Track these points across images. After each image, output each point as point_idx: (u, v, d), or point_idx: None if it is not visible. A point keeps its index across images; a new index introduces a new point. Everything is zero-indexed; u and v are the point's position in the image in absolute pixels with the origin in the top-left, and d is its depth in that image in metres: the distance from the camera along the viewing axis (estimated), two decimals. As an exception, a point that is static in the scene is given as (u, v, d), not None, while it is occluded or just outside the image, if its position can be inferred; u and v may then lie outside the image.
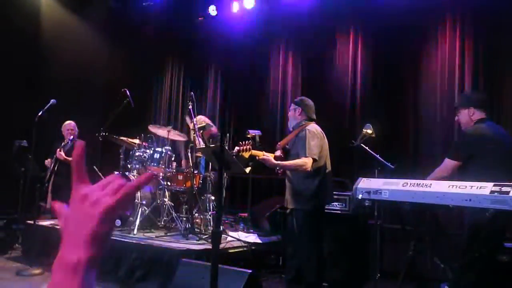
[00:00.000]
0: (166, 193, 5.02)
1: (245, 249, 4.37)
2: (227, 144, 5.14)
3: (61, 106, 5.17)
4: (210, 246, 2.79)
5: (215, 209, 4.63)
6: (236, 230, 5.21)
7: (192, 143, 5.19)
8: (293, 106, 3.73)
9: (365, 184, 3.09)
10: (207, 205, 4.96)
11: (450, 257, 3.38)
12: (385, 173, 3.68)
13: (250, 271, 2.98)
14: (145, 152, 5.25)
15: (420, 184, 2.81)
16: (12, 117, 6.10)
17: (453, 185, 2.64)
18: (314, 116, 3.69)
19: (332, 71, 6.30)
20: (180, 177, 5.16)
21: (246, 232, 5.09)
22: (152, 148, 5.28)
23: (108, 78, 7.67)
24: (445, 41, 5.29)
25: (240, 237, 4.66)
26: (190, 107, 4.92)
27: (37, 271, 4.27)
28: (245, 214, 5.59)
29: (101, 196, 0.59)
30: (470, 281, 2.77)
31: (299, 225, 3.43)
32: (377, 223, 3.53)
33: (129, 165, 5.32)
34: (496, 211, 2.46)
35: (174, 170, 5.24)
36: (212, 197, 5.03)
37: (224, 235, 4.56)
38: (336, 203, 4.32)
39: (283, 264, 4.35)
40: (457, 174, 2.97)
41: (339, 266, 4.09)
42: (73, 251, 0.56)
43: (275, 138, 6.23)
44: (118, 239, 4.32)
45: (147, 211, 4.84)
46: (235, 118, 7.34)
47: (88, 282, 0.56)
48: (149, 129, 5.43)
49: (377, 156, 3.80)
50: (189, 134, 5.36)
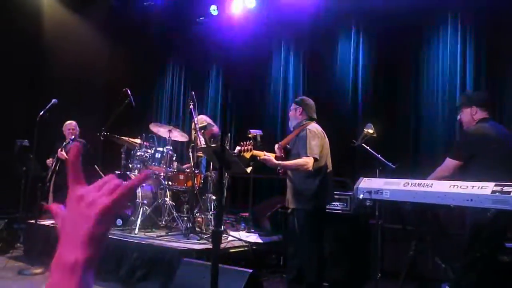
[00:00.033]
0: (167, 193, 5.02)
1: (246, 249, 4.37)
2: (228, 144, 5.14)
3: (63, 106, 5.18)
4: (211, 246, 2.79)
5: (216, 209, 4.63)
6: (237, 230, 5.22)
7: (194, 143, 5.19)
8: (294, 106, 3.73)
9: (366, 184, 3.09)
10: (208, 205, 4.96)
11: (451, 257, 3.37)
12: (386, 173, 3.68)
13: (251, 271, 2.98)
14: (146, 152, 5.26)
15: (421, 184, 2.81)
16: (14, 117, 6.12)
17: (454, 185, 2.64)
18: (315, 116, 3.69)
19: (334, 71, 6.29)
20: (181, 177, 5.17)
21: (247, 232, 5.10)
22: (154, 148, 5.29)
23: (109, 78, 7.69)
24: (447, 41, 5.29)
25: (241, 237, 4.66)
26: (191, 107, 4.93)
27: (39, 271, 4.28)
28: (246, 214, 5.60)
29: (97, 197, 0.59)
30: (471, 281, 2.77)
31: (300, 225, 3.43)
32: (378, 223, 3.52)
33: (131, 165, 5.33)
34: (498, 211, 2.46)
35: (175, 170, 5.25)
36: (213, 197, 5.04)
37: (225, 235, 4.57)
38: (337, 203, 4.32)
39: (284, 264, 4.35)
40: (459, 174, 2.96)
41: (340, 266, 4.09)
42: (71, 252, 0.57)
43: (276, 138, 6.23)
44: (119, 239, 4.33)
45: (148, 211, 4.84)
46: (236, 118, 7.34)
47: (86, 282, 0.56)
48: (151, 128, 5.42)
49: (378, 156, 3.79)
50: (191, 134, 5.36)
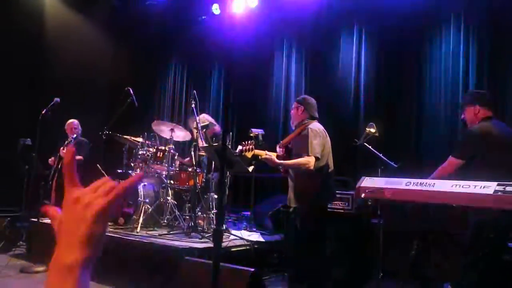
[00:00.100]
0: (169, 192, 5.03)
1: (248, 248, 4.37)
2: (230, 143, 5.13)
3: (65, 105, 5.19)
4: (213, 245, 2.79)
5: (217, 208, 4.63)
6: (239, 229, 5.22)
7: (196, 142, 5.20)
8: (296, 105, 3.72)
9: (368, 183, 3.08)
10: (210, 204, 4.96)
11: (454, 257, 3.36)
12: (388, 172, 3.68)
13: (253, 270, 2.98)
14: (148, 151, 5.27)
15: (423, 184, 2.80)
16: (17, 116, 6.14)
17: (457, 185, 2.63)
18: (317, 115, 3.68)
19: (336, 70, 6.28)
20: (183, 176, 5.18)
21: (249, 231, 5.11)
22: (155, 147, 5.30)
23: (112, 77, 7.71)
24: (449, 40, 5.27)
25: (243, 236, 4.66)
26: (193, 106, 4.93)
27: (41, 269, 4.29)
28: (248, 213, 5.60)
29: (93, 199, 0.61)
30: (473, 281, 2.76)
31: (302, 224, 3.43)
32: (380, 222, 3.51)
33: (133, 164, 5.34)
34: (500, 211, 2.45)
35: (177, 169, 5.26)
36: (215, 196, 5.04)
37: (227, 234, 4.58)
38: (339, 202, 4.31)
39: (286, 263, 4.35)
40: (461, 173, 2.96)
41: (342, 265, 4.08)
42: (68, 253, 0.58)
43: (278, 137, 6.23)
44: (121, 237, 4.34)
45: (150, 210, 4.85)
46: (238, 117, 7.34)
47: (83, 282, 0.58)
48: (153, 127, 5.42)
49: (380, 155, 3.79)
50: (192, 133, 5.37)
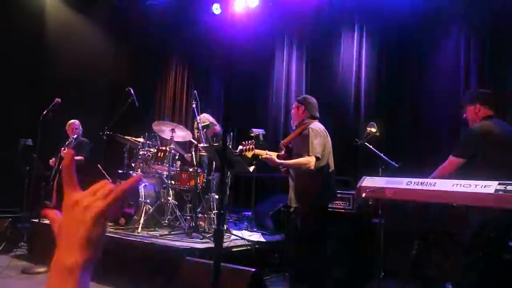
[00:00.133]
0: (170, 192, 5.03)
1: (249, 248, 4.38)
2: (231, 143, 5.13)
3: (66, 105, 5.20)
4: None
5: (218, 208, 4.63)
6: (240, 229, 5.22)
7: (196, 142, 5.20)
8: (296, 104, 3.71)
9: (369, 183, 3.08)
10: (211, 204, 4.96)
11: (454, 256, 3.36)
12: (389, 172, 3.67)
13: (254, 270, 2.98)
14: (149, 151, 5.27)
15: (424, 183, 2.80)
16: (17, 117, 6.15)
17: (458, 184, 2.63)
18: (318, 114, 3.67)
19: (337, 69, 6.28)
20: (184, 176, 5.19)
21: (250, 231, 5.11)
22: (156, 147, 5.30)
23: (112, 77, 7.71)
24: (450, 40, 5.26)
25: (244, 236, 4.66)
26: (194, 106, 4.93)
27: (42, 270, 4.30)
28: (249, 213, 5.60)
29: (92, 201, 0.62)
30: (474, 280, 2.76)
31: (303, 224, 3.43)
32: (381, 222, 3.51)
33: (133, 164, 5.35)
34: (501, 210, 2.45)
35: (178, 169, 5.26)
36: (216, 196, 5.04)
37: (228, 234, 4.57)
38: (340, 202, 4.30)
39: (287, 263, 4.34)
40: (462, 172, 2.95)
41: (343, 265, 4.08)
42: (69, 255, 0.59)
43: (279, 137, 6.23)
44: (122, 238, 4.34)
45: (151, 210, 4.85)
46: (239, 117, 7.33)
47: (83, 284, 0.58)
48: (154, 128, 5.42)
49: (381, 155, 3.79)
50: (193, 133, 5.37)
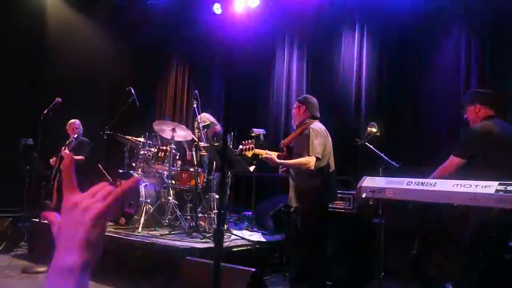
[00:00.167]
0: (171, 192, 5.03)
1: (249, 248, 4.38)
2: (231, 143, 5.13)
3: (66, 105, 5.20)
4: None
5: (218, 208, 4.63)
6: (240, 229, 5.22)
7: (197, 142, 5.20)
8: (297, 104, 3.71)
9: (370, 183, 3.08)
10: (211, 204, 4.96)
11: (454, 256, 3.36)
12: (390, 172, 3.67)
13: (254, 270, 2.98)
14: (150, 151, 5.27)
15: (425, 183, 2.80)
16: (18, 116, 6.15)
17: (458, 184, 2.63)
18: (318, 114, 3.67)
19: (337, 69, 6.27)
20: (185, 176, 5.19)
21: (250, 231, 5.11)
22: (157, 147, 5.30)
23: (113, 77, 7.71)
24: (451, 40, 5.26)
25: (244, 236, 4.66)
26: (195, 106, 4.93)
27: (43, 269, 4.30)
28: (249, 213, 5.60)
29: (91, 203, 0.63)
30: (474, 280, 2.75)
31: (303, 224, 3.43)
32: (381, 222, 3.51)
33: (134, 164, 5.35)
34: (501, 210, 2.44)
35: (179, 169, 5.26)
36: (217, 196, 5.04)
37: (228, 234, 4.57)
38: (341, 202, 4.30)
39: (287, 263, 4.34)
40: (462, 172, 2.95)
41: (343, 265, 4.08)
42: (68, 256, 0.60)
43: (280, 137, 6.23)
44: (123, 237, 4.35)
45: (152, 210, 4.86)
46: (240, 117, 7.33)
47: (82, 285, 0.59)
48: (154, 127, 5.42)
49: (382, 155, 3.78)
50: (194, 132, 5.37)
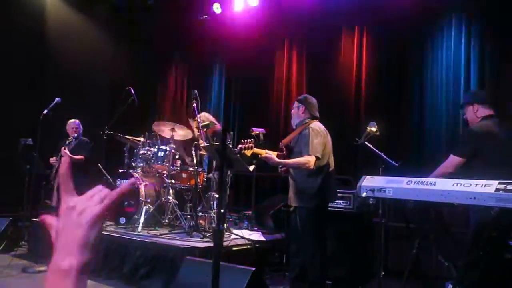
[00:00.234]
0: (171, 191, 5.03)
1: (249, 247, 4.38)
2: (231, 142, 5.13)
3: (66, 105, 5.20)
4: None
5: (218, 207, 4.63)
6: (240, 228, 5.22)
7: (196, 141, 5.20)
8: (296, 104, 3.72)
9: (369, 182, 3.07)
10: (211, 203, 4.97)
11: (455, 256, 3.36)
12: (389, 171, 3.66)
13: (254, 269, 2.98)
14: (150, 150, 5.27)
15: (425, 182, 2.79)
16: (18, 116, 6.15)
17: (458, 183, 2.62)
18: (318, 114, 3.68)
19: (337, 69, 6.27)
20: (185, 175, 5.19)
21: (250, 230, 5.11)
22: (157, 146, 5.30)
23: (113, 77, 7.71)
24: (451, 40, 5.25)
25: (244, 235, 4.67)
26: (194, 105, 4.93)
27: (43, 268, 4.30)
28: (249, 212, 5.60)
29: (88, 206, 0.64)
30: (474, 280, 2.75)
31: (303, 223, 3.43)
32: (382, 221, 3.51)
33: (134, 163, 5.35)
34: (501, 209, 2.44)
35: (178, 168, 5.26)
36: (216, 195, 5.03)
37: (228, 233, 4.58)
38: (341, 201, 4.30)
39: (287, 262, 4.34)
40: (462, 171, 2.95)
41: (343, 264, 4.08)
42: (66, 258, 0.61)
43: (279, 136, 6.23)
44: (123, 237, 4.35)
45: (152, 209, 4.86)
46: (239, 116, 7.34)
47: (80, 286, 0.60)
48: (153, 128, 5.43)
49: (381, 154, 3.77)
50: (194, 132, 5.37)
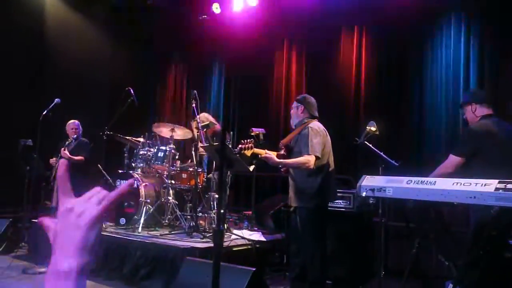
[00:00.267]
0: (171, 192, 5.03)
1: (249, 247, 4.38)
2: (231, 143, 5.13)
3: (66, 105, 5.20)
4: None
5: (218, 207, 4.63)
6: (240, 228, 5.22)
7: (196, 141, 5.20)
8: (296, 104, 3.72)
9: (369, 182, 3.07)
10: (211, 204, 4.96)
11: (455, 255, 3.36)
12: (389, 171, 3.66)
13: (254, 269, 2.98)
14: (149, 151, 5.27)
15: (424, 182, 2.79)
16: (17, 117, 6.14)
17: (458, 183, 2.62)
18: (317, 114, 3.68)
19: (336, 68, 6.27)
20: (184, 176, 5.19)
21: (250, 230, 5.10)
22: (156, 147, 5.30)
23: (112, 77, 7.71)
24: (450, 40, 5.25)
25: (244, 235, 4.67)
26: (194, 105, 4.93)
27: (43, 269, 4.30)
28: (249, 212, 5.60)
29: (86, 208, 0.64)
30: (474, 279, 2.75)
31: (303, 223, 3.43)
32: (382, 221, 3.51)
33: (133, 164, 5.35)
34: (501, 209, 2.44)
35: (178, 169, 5.26)
36: (216, 196, 5.03)
37: (228, 233, 4.57)
38: (341, 201, 4.30)
39: (287, 262, 4.34)
40: (462, 171, 2.95)
41: (343, 264, 4.08)
42: (65, 260, 0.61)
43: (279, 136, 6.22)
44: (123, 237, 4.35)
45: (152, 210, 4.86)
46: (239, 116, 7.34)
47: (80, 287, 0.60)
48: (153, 129, 5.44)
49: (381, 154, 3.77)
50: (193, 132, 5.37)
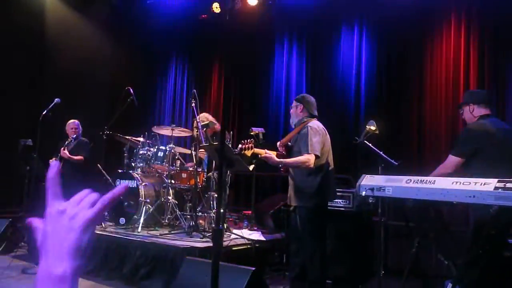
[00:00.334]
0: (170, 191, 5.03)
1: (249, 247, 4.38)
2: (231, 142, 5.13)
3: (66, 105, 5.20)
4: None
5: (217, 207, 4.62)
6: (240, 228, 5.22)
7: (196, 141, 5.20)
8: (295, 103, 3.72)
9: (369, 181, 3.08)
10: (211, 203, 4.96)
11: (455, 254, 3.36)
12: (389, 170, 3.66)
13: (254, 269, 2.98)
14: (149, 150, 5.27)
15: (424, 181, 2.80)
16: (17, 117, 6.15)
17: (457, 182, 2.62)
18: (316, 113, 3.67)
19: (336, 67, 6.27)
20: (184, 175, 5.19)
21: (250, 230, 5.10)
22: (156, 146, 5.30)
23: (112, 77, 7.71)
24: (450, 37, 5.25)
25: (244, 235, 4.66)
26: (193, 105, 4.93)
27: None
28: (249, 212, 5.60)
29: (79, 210, 0.63)
30: (473, 278, 2.76)
31: (303, 223, 3.43)
32: (381, 220, 3.51)
33: (133, 164, 5.34)
34: (500, 208, 2.44)
35: (178, 168, 5.25)
36: (216, 195, 5.03)
37: (228, 233, 4.57)
38: (340, 200, 4.30)
39: (287, 262, 4.35)
40: (461, 171, 2.96)
41: (343, 263, 4.08)
42: (58, 264, 0.59)
43: (279, 136, 6.23)
44: (123, 237, 4.35)
45: (151, 209, 4.86)
46: (239, 116, 7.34)
47: None
48: (153, 130, 5.44)
49: (381, 153, 3.77)
50: (193, 132, 5.37)
